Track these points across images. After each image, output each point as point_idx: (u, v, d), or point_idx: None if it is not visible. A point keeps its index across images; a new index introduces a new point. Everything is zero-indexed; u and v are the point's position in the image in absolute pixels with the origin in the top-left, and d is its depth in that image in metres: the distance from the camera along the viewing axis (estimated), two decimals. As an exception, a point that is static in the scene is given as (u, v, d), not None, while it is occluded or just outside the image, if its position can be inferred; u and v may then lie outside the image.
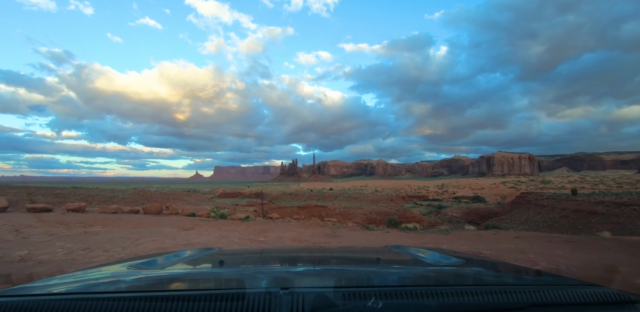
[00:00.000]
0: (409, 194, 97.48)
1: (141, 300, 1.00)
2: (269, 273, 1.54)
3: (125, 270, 1.57)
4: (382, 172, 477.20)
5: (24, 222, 10.18)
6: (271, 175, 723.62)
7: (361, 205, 75.18)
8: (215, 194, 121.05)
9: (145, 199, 77.71)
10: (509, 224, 30.59)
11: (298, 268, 1.73)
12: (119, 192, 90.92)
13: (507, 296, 1.09)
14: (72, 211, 14.58)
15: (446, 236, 10.60)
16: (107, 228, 9.56)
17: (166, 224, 11.43)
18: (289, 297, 1.00)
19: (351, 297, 1.02)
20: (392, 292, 1.06)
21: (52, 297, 1.07)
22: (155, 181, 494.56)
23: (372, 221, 42.06)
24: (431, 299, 1.04)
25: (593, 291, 1.16)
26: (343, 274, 1.50)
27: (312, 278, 1.39)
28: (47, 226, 9.50)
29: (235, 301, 1.00)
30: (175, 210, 16.98)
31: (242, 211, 30.46)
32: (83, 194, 79.69)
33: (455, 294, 1.07)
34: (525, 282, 1.45)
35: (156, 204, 16.82)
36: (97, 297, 1.04)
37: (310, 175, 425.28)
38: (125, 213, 15.53)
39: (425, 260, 1.89)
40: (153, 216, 14.73)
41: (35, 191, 78.68)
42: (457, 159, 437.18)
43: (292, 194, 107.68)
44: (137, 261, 1.82)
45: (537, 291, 1.14)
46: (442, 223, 46.80)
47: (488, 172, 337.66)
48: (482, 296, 1.08)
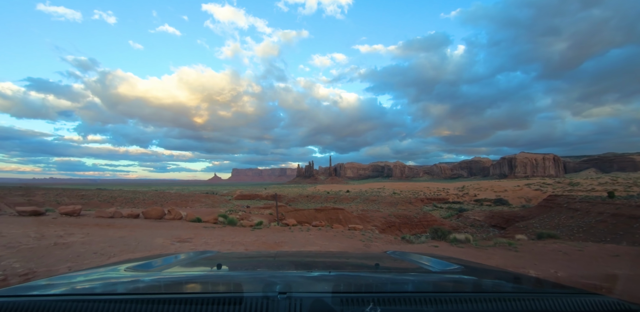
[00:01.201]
0: (428, 197, 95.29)
1: (137, 302, 1.00)
2: (267, 277, 1.53)
3: (123, 272, 1.58)
4: (399, 174, 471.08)
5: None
6: (288, 177, 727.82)
7: (379, 207, 73.89)
8: (232, 196, 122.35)
9: (164, 201, 79.25)
10: (540, 229, 28.86)
11: (296, 273, 1.71)
12: (140, 194, 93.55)
13: (506, 303, 1.08)
14: (65, 215, 13.20)
15: (516, 253, 8.49)
16: (88, 238, 8.11)
17: (162, 233, 10.07)
18: (286, 301, 1.00)
19: (349, 303, 1.02)
20: (391, 299, 1.06)
21: (48, 298, 1.07)
22: (176, 183, 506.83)
23: (391, 224, 40.94)
24: (430, 305, 1.04)
25: (593, 299, 1.14)
26: (341, 279, 1.50)
27: (311, 283, 1.38)
28: (18, 235, 7.96)
29: (232, 305, 0.99)
30: (179, 214, 15.20)
31: (256, 214, 29.87)
32: (106, 196, 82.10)
33: (454, 301, 1.07)
34: (525, 290, 1.43)
35: (158, 208, 15.23)
36: (93, 299, 1.04)
37: (326, 177, 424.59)
38: (124, 217, 14.06)
39: (425, 266, 1.89)
40: (152, 221, 13.39)
41: (61, 192, 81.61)
42: (477, 161, 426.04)
43: (308, 196, 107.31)
44: (135, 262, 1.83)
45: (536, 299, 1.13)
46: (464, 227, 45.07)
47: (510, 174, 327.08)
48: (481, 303, 1.07)
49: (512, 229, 32.35)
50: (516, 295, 1.19)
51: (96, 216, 13.55)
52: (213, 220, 14.58)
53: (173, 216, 14.67)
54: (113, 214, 13.86)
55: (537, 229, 28.75)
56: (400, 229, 40.20)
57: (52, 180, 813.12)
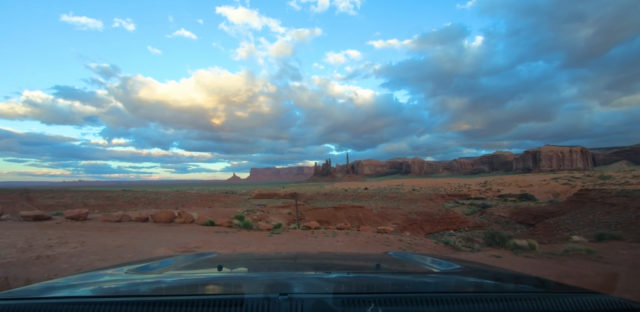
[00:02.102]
0: (448, 193, 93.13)
1: (139, 305, 1.01)
2: (268, 278, 1.55)
3: (124, 274, 1.58)
4: (418, 171, 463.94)
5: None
6: (305, 175, 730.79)
7: (399, 205, 72.61)
8: (251, 195, 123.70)
9: (185, 201, 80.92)
10: (572, 225, 27.28)
11: (297, 274, 1.73)
12: (162, 194, 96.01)
13: (507, 303, 1.09)
14: (71, 219, 12.65)
15: (607, 265, 6.88)
16: (80, 248, 7.12)
17: (167, 240, 9.31)
18: (287, 303, 1.00)
19: (350, 304, 1.02)
20: (392, 299, 1.07)
21: (48, 301, 1.07)
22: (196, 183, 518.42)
23: (412, 222, 39.93)
24: (431, 306, 1.04)
25: (595, 298, 1.14)
26: (343, 280, 1.50)
27: (312, 284, 1.39)
28: (4, 245, 7.19)
29: (233, 307, 1.00)
30: (190, 217, 14.00)
31: (275, 213, 29.56)
32: (130, 197, 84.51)
33: (456, 301, 1.07)
34: (527, 290, 1.42)
35: (167, 211, 14.17)
36: (94, 302, 1.05)
37: (344, 175, 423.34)
38: (131, 221, 13.21)
39: (426, 267, 1.89)
40: (161, 226, 12.48)
41: (89, 194, 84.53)
42: (499, 155, 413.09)
43: (326, 194, 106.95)
44: (136, 265, 1.82)
45: (538, 299, 1.13)
46: (489, 224, 43.48)
47: (534, 168, 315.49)
48: (482, 303, 1.07)
49: (542, 226, 30.79)
50: (518, 295, 1.18)
51: (103, 220, 12.83)
52: (227, 223, 13.48)
53: (184, 219, 13.66)
54: (120, 218, 13.12)
55: (569, 226, 27.19)
56: (422, 227, 39.17)
57: (80, 183, 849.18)
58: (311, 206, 39.15)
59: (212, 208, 40.01)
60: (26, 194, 67.94)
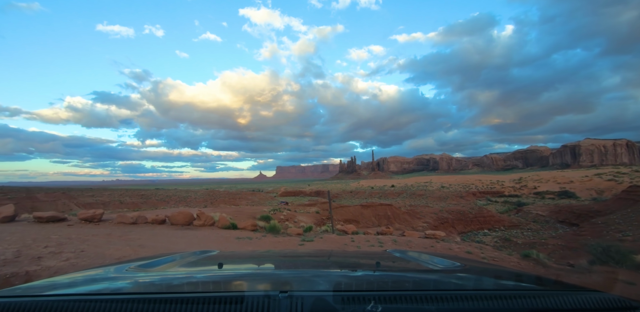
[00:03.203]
0: (480, 190, 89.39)
1: (140, 302, 1.01)
2: (268, 276, 1.56)
3: (125, 271, 1.58)
4: (446, 167, 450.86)
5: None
6: (330, 173, 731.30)
7: (427, 202, 70.50)
8: (277, 193, 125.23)
9: (214, 199, 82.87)
10: (624, 225, 24.93)
11: (297, 271, 1.75)
12: (192, 192, 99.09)
13: (507, 301, 1.09)
14: (85, 221, 12.01)
15: None
16: (75, 260, 6.06)
17: (178, 250, 7.22)
18: (288, 300, 1.01)
19: (350, 301, 1.02)
20: (392, 297, 1.07)
21: (50, 298, 1.08)
22: (224, 182, 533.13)
23: (444, 220, 38.31)
24: (430, 303, 1.05)
25: (594, 296, 1.15)
26: (342, 278, 1.50)
27: (312, 282, 1.39)
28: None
29: (233, 304, 1.00)
30: (210, 219, 12.47)
31: (302, 212, 29.11)
32: (162, 195, 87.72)
33: (455, 299, 1.07)
34: (526, 288, 1.42)
35: (185, 212, 12.77)
36: (96, 299, 1.05)
37: (369, 172, 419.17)
38: (147, 223, 12.29)
39: (425, 264, 1.89)
40: (177, 229, 11.48)
41: (124, 193, 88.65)
42: (534, 150, 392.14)
43: (352, 191, 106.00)
44: (137, 262, 1.82)
45: (537, 296, 1.14)
46: (527, 223, 40.99)
47: (574, 164, 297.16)
48: (481, 301, 1.08)
49: (588, 227, 28.46)
50: (517, 292, 1.19)
51: (117, 222, 12.09)
52: (251, 226, 12.16)
53: (203, 222, 12.28)
54: (136, 220, 12.20)
55: (620, 227, 24.87)
56: (453, 226, 37.52)
57: (118, 182, 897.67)
58: (337, 204, 38.55)
59: (239, 206, 40.45)
60: (68, 192, 72.25)
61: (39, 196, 61.94)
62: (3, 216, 11.51)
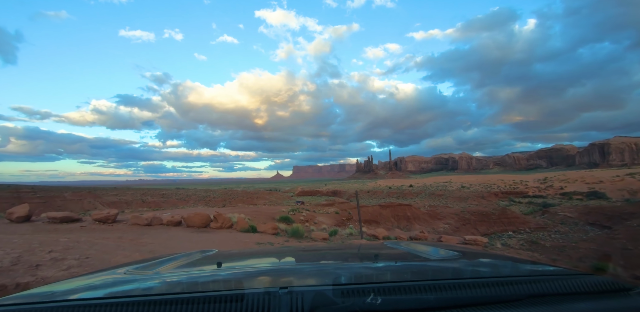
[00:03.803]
0: (502, 190, 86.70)
1: (140, 305, 1.01)
2: (268, 273, 1.57)
3: (123, 274, 1.58)
4: (466, 167, 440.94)
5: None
6: (347, 173, 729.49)
7: (447, 203, 68.90)
8: (294, 192, 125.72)
9: (232, 198, 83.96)
10: (665, 228, 23.32)
11: (296, 267, 1.77)
12: (211, 192, 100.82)
13: (504, 287, 1.11)
14: (98, 222, 11.61)
15: None
16: (75, 269, 5.40)
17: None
18: (288, 296, 1.01)
19: (350, 295, 1.03)
20: (391, 288, 1.08)
21: (50, 305, 1.07)
22: (242, 181, 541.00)
23: (465, 221, 37.14)
24: (429, 293, 1.06)
25: (588, 279, 1.18)
26: (341, 271, 1.50)
27: (311, 277, 1.41)
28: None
29: (234, 302, 1.00)
30: (228, 222, 11.70)
31: (321, 212, 28.79)
32: (182, 194, 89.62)
33: (453, 288, 1.08)
34: (522, 274, 1.46)
35: (201, 214, 12.10)
36: (96, 303, 1.04)
37: (386, 172, 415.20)
38: (162, 225, 11.74)
39: (423, 255, 1.90)
40: (193, 232, 10.89)
41: (146, 192, 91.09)
42: (559, 148, 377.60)
43: (369, 191, 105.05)
44: (135, 265, 1.81)
45: (533, 282, 1.16)
46: (554, 225, 39.23)
47: (602, 163, 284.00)
48: (479, 289, 1.09)
49: (622, 229, 26.81)
50: (513, 279, 1.22)
51: (132, 223, 11.63)
52: (271, 230, 11.42)
53: (220, 224, 11.54)
54: (150, 221, 11.62)
55: (660, 229, 23.27)
56: (476, 227, 36.32)
57: (140, 181, 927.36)
58: (355, 204, 38.14)
59: (257, 206, 40.59)
60: (93, 192, 74.90)
61: (66, 195, 64.50)
62: (17, 215, 11.22)
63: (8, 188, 68.58)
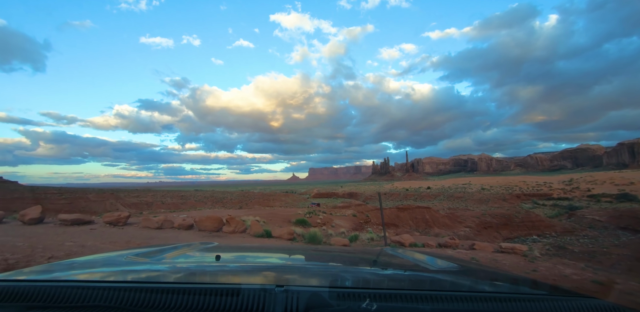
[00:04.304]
0: (525, 192, 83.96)
1: (136, 291, 1.02)
2: (265, 270, 1.57)
3: (123, 260, 1.60)
4: (485, 168, 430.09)
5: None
6: (363, 175, 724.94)
7: (467, 205, 67.08)
8: (310, 194, 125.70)
9: (249, 200, 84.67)
10: None
11: (295, 267, 1.79)
12: (228, 194, 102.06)
13: (502, 303, 1.09)
14: (109, 224, 11.43)
15: None
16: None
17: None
18: (283, 294, 1.02)
19: (346, 298, 1.03)
20: (387, 295, 1.07)
21: (47, 284, 1.09)
22: (259, 183, 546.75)
23: (487, 225, 35.96)
24: (426, 303, 1.05)
25: (589, 303, 1.15)
26: (339, 274, 1.54)
27: (308, 277, 1.42)
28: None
29: (230, 296, 1.01)
30: (241, 226, 11.23)
31: (339, 215, 28.35)
32: (200, 196, 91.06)
33: (450, 300, 1.08)
34: (521, 291, 1.42)
35: (214, 217, 11.61)
36: (91, 286, 1.06)
37: (403, 173, 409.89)
38: (173, 228, 11.39)
39: (422, 264, 1.90)
40: (204, 236, 10.49)
41: (166, 193, 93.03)
42: (585, 148, 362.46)
43: (386, 193, 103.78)
44: (136, 250, 1.85)
45: (532, 300, 1.14)
46: (581, 229, 37.44)
47: (632, 163, 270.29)
48: (477, 303, 1.08)
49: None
50: (512, 296, 1.18)
51: (142, 226, 11.37)
52: (287, 235, 10.77)
53: (233, 228, 11.00)
54: (161, 224, 11.30)
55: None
56: (498, 231, 35.11)
57: (161, 183, 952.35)
58: (373, 206, 37.53)
59: (273, 208, 40.69)
60: (116, 193, 77.27)
61: (90, 197, 66.79)
62: (30, 217, 11.01)
63: (37, 190, 71.78)
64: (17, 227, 10.26)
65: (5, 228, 10.00)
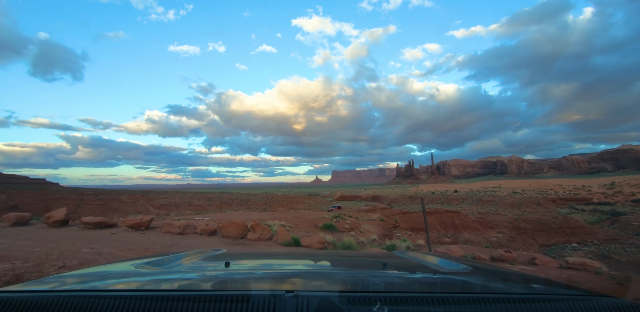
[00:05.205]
0: (561, 197, 79.40)
1: (146, 299, 1.02)
2: (275, 276, 1.56)
3: (133, 269, 1.61)
4: (516, 171, 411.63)
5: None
6: (387, 177, 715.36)
7: (498, 210, 64.31)
8: (333, 197, 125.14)
9: (273, 202, 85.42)
10: None
11: (304, 271, 1.77)
12: (253, 196, 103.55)
13: (515, 305, 1.07)
14: (131, 228, 11.11)
15: None
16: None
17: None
18: (293, 300, 1.01)
19: (356, 302, 1.02)
20: (398, 298, 1.06)
21: (59, 294, 1.09)
22: (282, 186, 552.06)
23: (521, 230, 34.03)
24: (437, 306, 1.04)
25: (606, 302, 1.12)
26: (349, 278, 1.52)
27: (318, 282, 1.41)
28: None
29: (240, 303, 1.01)
30: (267, 232, 10.56)
31: (365, 219, 27.47)
32: (226, 198, 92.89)
33: (462, 302, 1.07)
34: (535, 292, 1.39)
35: (238, 223, 10.93)
36: (102, 295, 1.07)
37: (428, 176, 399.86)
38: (195, 234, 10.93)
39: (433, 267, 1.87)
40: (227, 244, 9.89)
41: (193, 195, 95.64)
42: (627, 149, 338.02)
43: (411, 197, 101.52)
44: (145, 260, 1.85)
45: (547, 301, 1.12)
46: (627, 237, 34.65)
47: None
48: (490, 304, 1.07)
49: None
50: (526, 296, 1.17)
51: (164, 231, 10.91)
52: (318, 244, 9.98)
53: (259, 235, 10.32)
54: (183, 230, 10.79)
55: None
56: (533, 237, 33.14)
57: (188, 185, 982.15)
58: (399, 210, 36.56)
59: (297, 211, 40.60)
60: (146, 195, 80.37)
61: (122, 198, 69.84)
62: (54, 220, 10.65)
63: (76, 191, 75.95)
64: (41, 230, 10.13)
65: (29, 231, 9.88)
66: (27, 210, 48.72)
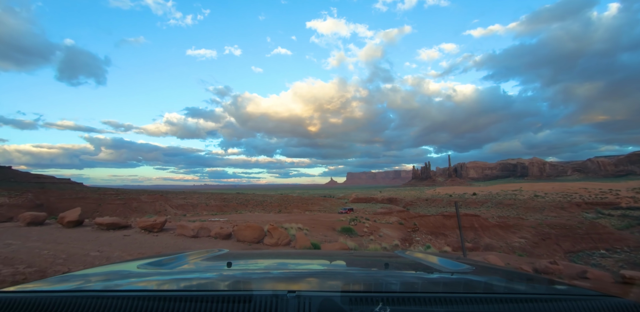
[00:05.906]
0: (586, 201, 76.00)
1: (149, 299, 1.03)
2: (277, 276, 1.57)
3: (136, 269, 1.61)
4: (538, 173, 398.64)
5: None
6: (402, 179, 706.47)
7: (519, 214, 62.21)
8: (348, 199, 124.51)
9: (288, 204, 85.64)
10: None
11: (306, 272, 1.78)
12: (268, 197, 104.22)
13: (518, 305, 1.07)
14: (144, 230, 10.76)
15: None
16: None
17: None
18: (295, 300, 1.01)
19: (358, 302, 1.02)
20: (400, 299, 1.06)
21: (63, 294, 1.10)
22: (297, 187, 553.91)
23: (545, 236, 32.68)
24: (440, 306, 1.04)
25: (609, 301, 1.12)
26: (351, 278, 1.52)
27: (320, 282, 1.41)
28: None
29: (242, 303, 1.01)
30: (285, 237, 10.08)
31: (384, 223, 26.71)
32: (242, 199, 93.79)
33: (465, 302, 1.06)
34: (538, 292, 1.39)
35: (254, 226, 10.40)
36: (106, 296, 1.07)
37: (445, 178, 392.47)
38: (209, 237, 10.48)
39: (435, 266, 1.87)
40: (242, 249, 9.33)
41: (210, 196, 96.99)
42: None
43: (427, 199, 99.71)
44: (147, 260, 1.85)
45: (550, 301, 1.11)
46: (661, 243, 32.70)
47: None
48: (492, 304, 1.06)
49: None
50: (529, 296, 1.15)
51: (177, 234, 10.53)
52: (340, 251, 8.62)
53: (276, 240, 9.81)
54: (197, 233, 10.45)
55: None
56: (558, 243, 31.74)
57: (205, 186, 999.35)
58: (416, 213, 35.81)
59: (313, 213, 40.45)
60: (165, 195, 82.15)
61: (142, 198, 71.52)
62: (68, 220, 10.47)
63: (97, 191, 78.47)
64: (54, 231, 10.04)
65: (42, 231, 9.77)
66: (52, 209, 50.30)
